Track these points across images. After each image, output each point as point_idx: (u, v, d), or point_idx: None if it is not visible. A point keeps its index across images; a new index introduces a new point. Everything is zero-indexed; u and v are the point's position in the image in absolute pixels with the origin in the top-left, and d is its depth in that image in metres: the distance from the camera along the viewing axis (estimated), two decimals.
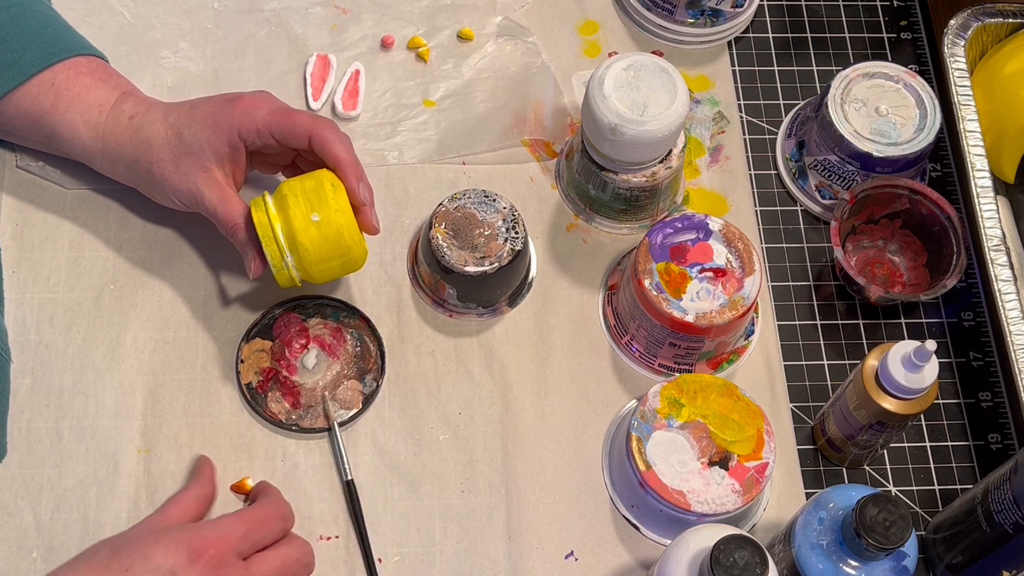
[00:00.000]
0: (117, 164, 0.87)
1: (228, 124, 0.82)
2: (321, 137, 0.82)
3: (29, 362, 0.87)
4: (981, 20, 0.99)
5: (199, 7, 1.01)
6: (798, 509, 0.79)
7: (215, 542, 0.72)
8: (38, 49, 0.86)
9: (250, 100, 0.83)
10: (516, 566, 0.84)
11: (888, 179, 0.92)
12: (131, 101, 0.86)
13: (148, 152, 0.84)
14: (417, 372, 0.89)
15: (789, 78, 1.04)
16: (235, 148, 0.83)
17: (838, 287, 0.95)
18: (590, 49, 1.03)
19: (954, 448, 0.91)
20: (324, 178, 0.81)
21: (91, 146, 0.86)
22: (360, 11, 1.03)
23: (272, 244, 0.80)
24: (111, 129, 0.85)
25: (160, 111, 0.85)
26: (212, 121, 0.82)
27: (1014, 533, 0.76)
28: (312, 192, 0.80)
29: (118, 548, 0.71)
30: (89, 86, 0.86)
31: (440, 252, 0.87)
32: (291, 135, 0.82)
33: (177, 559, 0.70)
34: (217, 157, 0.83)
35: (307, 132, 0.82)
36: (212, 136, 0.82)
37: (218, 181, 0.83)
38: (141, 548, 0.70)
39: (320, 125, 0.82)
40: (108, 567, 0.70)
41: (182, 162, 0.83)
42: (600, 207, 0.94)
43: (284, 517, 0.78)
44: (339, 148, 0.82)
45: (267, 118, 0.82)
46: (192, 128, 0.83)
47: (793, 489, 0.88)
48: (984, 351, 0.94)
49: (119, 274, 0.91)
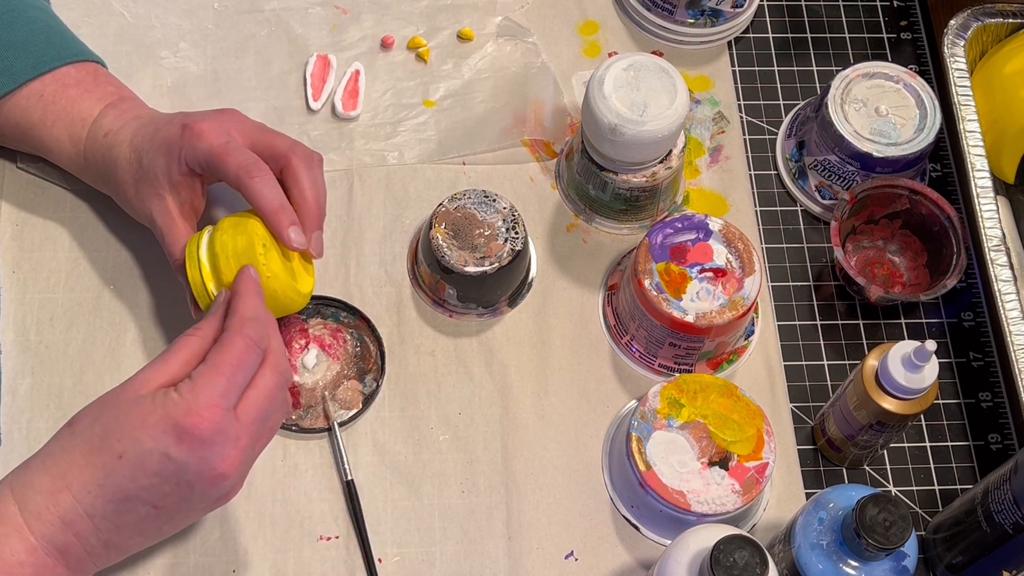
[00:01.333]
0: (97, 180, 0.87)
1: (178, 154, 0.80)
2: (247, 187, 0.78)
3: (29, 362, 0.87)
4: (981, 20, 0.99)
5: (199, 7, 1.01)
6: (798, 509, 0.79)
7: (203, 412, 0.68)
8: (28, 58, 0.86)
9: (198, 129, 0.80)
10: (516, 566, 0.84)
11: (888, 179, 0.92)
12: (111, 115, 0.85)
13: (115, 173, 0.84)
14: (417, 372, 0.89)
15: (789, 78, 1.04)
16: (188, 176, 0.81)
17: (838, 287, 0.95)
18: (590, 49, 1.03)
19: (954, 448, 0.90)
20: (256, 238, 0.77)
21: (76, 160, 0.87)
22: (360, 11, 1.03)
23: (204, 300, 0.78)
24: (90, 145, 0.85)
25: (130, 130, 0.84)
26: (166, 149, 0.81)
27: (1014, 533, 0.76)
28: (244, 255, 0.77)
29: (108, 426, 0.69)
30: (75, 99, 0.86)
31: (440, 252, 0.87)
32: (224, 177, 0.80)
33: (167, 440, 0.67)
34: (171, 185, 0.81)
35: (234, 178, 0.79)
36: (165, 164, 0.81)
37: (169, 210, 0.82)
38: (130, 430, 0.68)
39: (248, 171, 0.78)
40: (101, 450, 0.68)
41: (140, 187, 0.82)
42: (600, 207, 0.94)
43: (258, 342, 0.72)
44: (264, 198, 0.78)
45: (207, 154, 0.79)
46: (149, 155, 0.81)
47: (793, 489, 0.88)
48: (984, 351, 0.94)
49: (119, 274, 0.91)
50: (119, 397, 0.70)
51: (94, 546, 0.70)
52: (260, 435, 0.72)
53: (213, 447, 0.68)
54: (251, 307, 0.74)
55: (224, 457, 0.69)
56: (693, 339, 0.86)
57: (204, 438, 0.68)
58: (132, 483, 0.68)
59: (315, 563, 0.83)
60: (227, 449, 0.69)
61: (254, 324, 0.72)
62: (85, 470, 0.68)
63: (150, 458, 0.68)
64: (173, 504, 0.70)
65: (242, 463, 0.70)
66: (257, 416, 0.71)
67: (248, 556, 0.83)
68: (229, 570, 0.82)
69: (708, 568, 0.68)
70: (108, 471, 0.68)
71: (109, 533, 0.70)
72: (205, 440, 0.68)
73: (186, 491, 0.69)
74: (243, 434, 0.70)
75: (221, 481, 0.69)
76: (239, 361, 0.70)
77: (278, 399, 0.73)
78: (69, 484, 0.68)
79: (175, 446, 0.68)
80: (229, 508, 0.84)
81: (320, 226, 0.82)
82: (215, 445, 0.68)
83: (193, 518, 0.73)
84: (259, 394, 0.71)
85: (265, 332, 0.73)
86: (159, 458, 0.68)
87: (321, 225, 0.82)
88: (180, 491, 0.69)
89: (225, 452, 0.69)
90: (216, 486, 0.70)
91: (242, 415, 0.70)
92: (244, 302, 0.74)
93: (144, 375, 0.71)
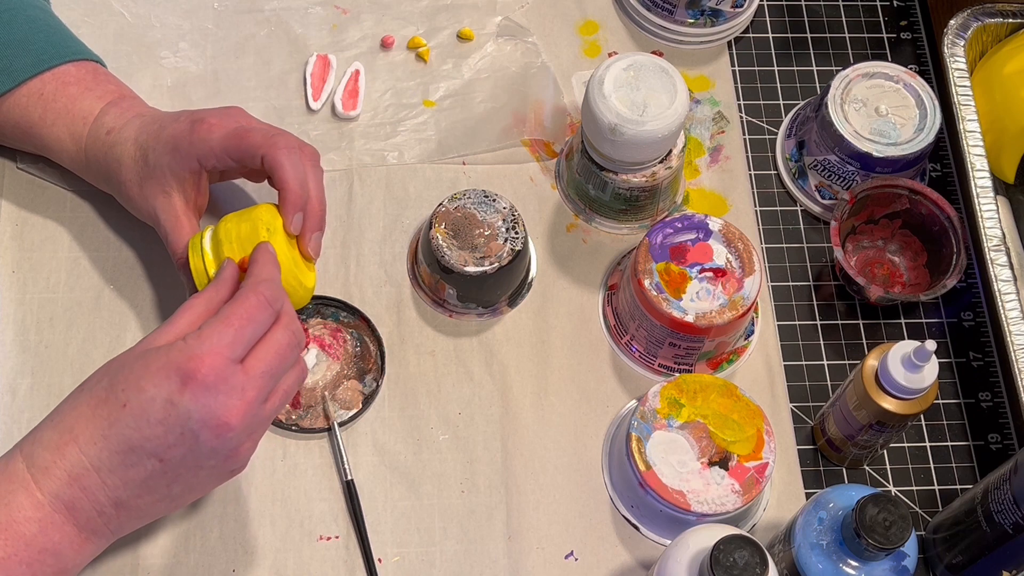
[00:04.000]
0: (98, 178, 0.87)
1: (187, 150, 0.80)
2: (272, 159, 0.79)
3: (29, 362, 0.87)
4: (981, 20, 0.99)
5: (199, 7, 1.01)
6: (798, 509, 0.79)
7: (205, 358, 0.67)
8: (28, 56, 0.86)
9: (208, 124, 0.80)
10: (516, 566, 0.84)
11: (888, 179, 0.92)
12: (113, 113, 0.85)
13: (119, 170, 0.84)
14: (417, 372, 0.89)
15: (789, 78, 1.04)
16: (195, 174, 0.82)
17: (838, 287, 0.95)
18: (590, 49, 1.03)
19: (954, 448, 0.91)
20: (260, 222, 0.78)
21: (76, 158, 0.87)
22: (360, 11, 1.03)
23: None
24: (91, 143, 0.85)
25: (134, 128, 0.84)
26: (173, 146, 0.81)
27: (1014, 533, 0.76)
28: (247, 239, 0.78)
29: (114, 379, 0.69)
30: (75, 97, 0.86)
31: (440, 252, 0.87)
32: (245, 156, 0.80)
33: (170, 385, 0.67)
34: (178, 182, 0.81)
35: (259, 152, 0.79)
36: (172, 161, 0.81)
37: (174, 207, 0.82)
38: (134, 379, 0.68)
39: (273, 145, 0.79)
40: (107, 401, 0.68)
41: (144, 184, 0.82)
42: (600, 207, 0.94)
43: (271, 301, 0.71)
44: (287, 172, 0.79)
45: (222, 142, 0.80)
46: (156, 152, 0.82)
47: (793, 489, 0.88)
48: (984, 351, 0.94)
49: (119, 274, 0.91)
50: (128, 354, 0.70)
51: (103, 504, 0.69)
52: (270, 393, 0.71)
53: (216, 394, 0.67)
54: (267, 271, 0.74)
55: (228, 407, 0.68)
56: (693, 339, 0.86)
57: (207, 383, 0.67)
58: (136, 432, 0.67)
59: (315, 563, 0.83)
60: (231, 399, 0.68)
61: (269, 285, 0.72)
62: (91, 422, 0.68)
63: (153, 405, 0.67)
64: (179, 458, 0.68)
65: (248, 416, 0.69)
66: (266, 371, 0.70)
67: (248, 556, 0.83)
68: (229, 570, 0.82)
69: (708, 568, 0.68)
70: (112, 420, 0.68)
71: (116, 489, 0.69)
72: (208, 385, 0.67)
73: (191, 442, 0.68)
74: (250, 386, 0.68)
75: (226, 432, 0.68)
76: (249, 315, 0.70)
77: (288, 358, 0.71)
78: (76, 437, 0.68)
79: (178, 392, 0.67)
80: (229, 508, 0.84)
81: (320, 227, 0.82)
82: (219, 393, 0.67)
83: (203, 483, 0.71)
84: (268, 349, 0.70)
85: (279, 294, 0.72)
86: (162, 405, 0.67)
87: (321, 226, 0.82)
88: (185, 442, 0.68)
89: (229, 401, 0.68)
90: (221, 438, 0.68)
91: (249, 368, 0.69)
92: (260, 267, 0.74)
93: (152, 335, 0.71)
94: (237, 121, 0.81)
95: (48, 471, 0.68)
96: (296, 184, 0.79)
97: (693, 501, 0.80)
